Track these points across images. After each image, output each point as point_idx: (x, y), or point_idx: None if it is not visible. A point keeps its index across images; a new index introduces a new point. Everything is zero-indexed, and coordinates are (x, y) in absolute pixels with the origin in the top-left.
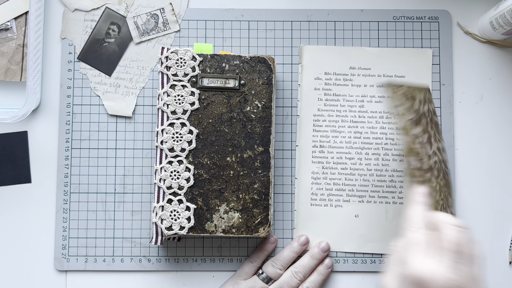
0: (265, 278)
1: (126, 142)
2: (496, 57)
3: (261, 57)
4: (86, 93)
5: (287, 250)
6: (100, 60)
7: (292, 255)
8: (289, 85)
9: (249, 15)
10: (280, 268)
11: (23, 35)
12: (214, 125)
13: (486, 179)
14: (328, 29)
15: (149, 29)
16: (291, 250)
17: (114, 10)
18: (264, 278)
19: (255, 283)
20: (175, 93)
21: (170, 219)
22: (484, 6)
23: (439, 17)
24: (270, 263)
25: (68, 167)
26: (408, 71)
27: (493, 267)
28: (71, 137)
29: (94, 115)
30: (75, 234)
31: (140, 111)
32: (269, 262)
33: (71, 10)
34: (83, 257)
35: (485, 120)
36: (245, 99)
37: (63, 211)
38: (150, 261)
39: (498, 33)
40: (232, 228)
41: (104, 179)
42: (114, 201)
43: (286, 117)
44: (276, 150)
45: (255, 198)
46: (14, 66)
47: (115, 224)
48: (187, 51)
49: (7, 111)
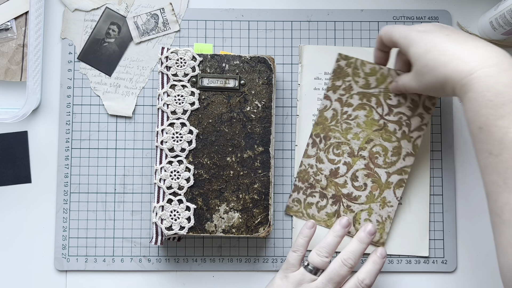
0: (312, 269)
1: (126, 142)
2: None
3: (261, 57)
4: (86, 93)
5: (330, 236)
6: (100, 60)
7: (336, 239)
8: (289, 85)
9: (249, 15)
10: (326, 256)
11: (23, 35)
12: (214, 125)
13: None
14: (328, 29)
15: (149, 29)
16: (335, 235)
17: (114, 10)
18: (311, 269)
19: (304, 276)
20: (175, 93)
21: (170, 219)
22: (484, 6)
23: (439, 17)
24: (315, 252)
25: (68, 167)
26: None
27: (493, 267)
28: (71, 137)
29: (94, 115)
30: (75, 234)
31: (140, 111)
32: (313, 251)
33: (71, 10)
34: (83, 257)
35: None
36: (245, 99)
37: (63, 211)
38: (150, 261)
39: (498, 33)
40: (232, 228)
41: (104, 179)
42: (114, 201)
43: (286, 117)
44: (276, 150)
45: (255, 198)
46: (14, 66)
47: (115, 224)
48: (187, 51)
49: (7, 111)
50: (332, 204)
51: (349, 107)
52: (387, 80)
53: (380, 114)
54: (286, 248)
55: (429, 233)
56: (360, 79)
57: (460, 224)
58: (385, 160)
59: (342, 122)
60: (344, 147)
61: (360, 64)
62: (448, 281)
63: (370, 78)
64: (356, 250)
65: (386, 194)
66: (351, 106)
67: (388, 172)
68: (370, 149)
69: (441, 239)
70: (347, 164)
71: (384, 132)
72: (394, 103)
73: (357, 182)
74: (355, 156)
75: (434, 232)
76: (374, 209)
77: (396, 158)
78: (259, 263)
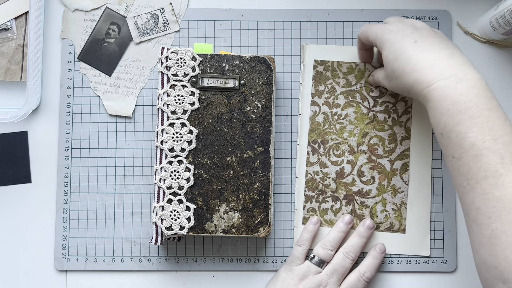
0: (318, 261)
1: (126, 142)
2: (496, 57)
3: (261, 57)
4: (86, 93)
5: (334, 231)
6: (100, 60)
7: (340, 235)
8: (289, 85)
9: (249, 15)
10: (331, 249)
11: (23, 35)
12: (214, 125)
13: None
14: (328, 29)
15: (149, 29)
16: (338, 230)
17: (114, 10)
18: (317, 262)
19: (309, 268)
20: (175, 93)
21: (170, 219)
22: (484, 6)
23: (439, 17)
24: (320, 246)
25: (68, 167)
26: None
27: None
28: (71, 137)
29: (94, 115)
30: (75, 234)
31: (140, 111)
32: (319, 245)
33: (71, 10)
34: (83, 257)
35: None
36: (245, 99)
37: (63, 211)
38: (150, 261)
39: (498, 33)
40: (232, 228)
41: (104, 179)
42: (114, 201)
43: (286, 117)
44: (276, 150)
45: (255, 198)
46: (14, 66)
47: (115, 224)
48: (187, 51)
49: (7, 111)
50: (346, 205)
51: (338, 108)
52: (365, 75)
53: (367, 108)
54: (286, 248)
55: (430, 232)
56: (340, 79)
57: (460, 224)
58: (384, 149)
59: (335, 123)
60: (343, 147)
61: (337, 65)
62: (448, 281)
63: (349, 76)
64: (356, 244)
65: (394, 182)
66: (339, 107)
67: (390, 160)
68: (368, 142)
69: (441, 239)
70: (350, 162)
71: (376, 124)
72: (377, 94)
73: (364, 177)
74: (355, 152)
75: (434, 232)
76: (387, 198)
77: (394, 145)
78: (259, 263)
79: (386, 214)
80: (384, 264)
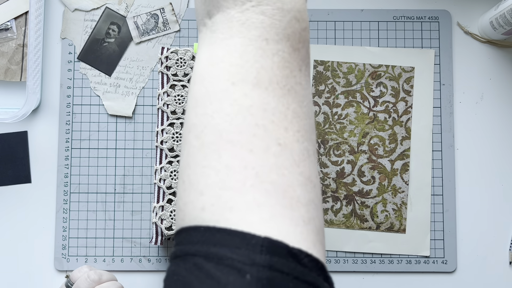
0: None
1: (126, 142)
2: (496, 57)
3: None
4: (86, 93)
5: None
6: (100, 60)
7: None
8: None
9: None
10: None
11: (23, 35)
12: None
13: (486, 179)
14: (328, 29)
15: (149, 29)
16: None
17: (114, 10)
18: None
19: None
20: (175, 93)
21: (170, 219)
22: (484, 6)
23: (439, 17)
24: None
25: (68, 167)
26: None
27: (493, 267)
28: (71, 137)
29: (94, 115)
30: (75, 234)
31: (140, 111)
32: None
33: (71, 10)
34: (83, 257)
35: (485, 120)
36: None
37: (63, 211)
38: (150, 261)
39: (498, 33)
40: None
41: (104, 179)
42: (114, 201)
43: None
44: None
45: None
46: (14, 66)
47: (115, 224)
48: (187, 51)
49: (7, 111)
50: (347, 205)
51: (338, 108)
52: (365, 74)
53: (368, 107)
54: None
55: (430, 232)
56: (340, 79)
57: (460, 224)
58: (385, 149)
59: (335, 123)
60: (343, 147)
61: (337, 65)
62: (448, 281)
63: (349, 76)
64: None
65: (395, 182)
66: (339, 106)
67: (391, 160)
68: (368, 142)
69: (441, 239)
70: (350, 162)
71: (376, 123)
72: (378, 94)
73: (365, 177)
74: (356, 152)
75: (434, 232)
76: (387, 199)
77: (395, 145)
78: None
79: (387, 214)
80: (384, 264)
